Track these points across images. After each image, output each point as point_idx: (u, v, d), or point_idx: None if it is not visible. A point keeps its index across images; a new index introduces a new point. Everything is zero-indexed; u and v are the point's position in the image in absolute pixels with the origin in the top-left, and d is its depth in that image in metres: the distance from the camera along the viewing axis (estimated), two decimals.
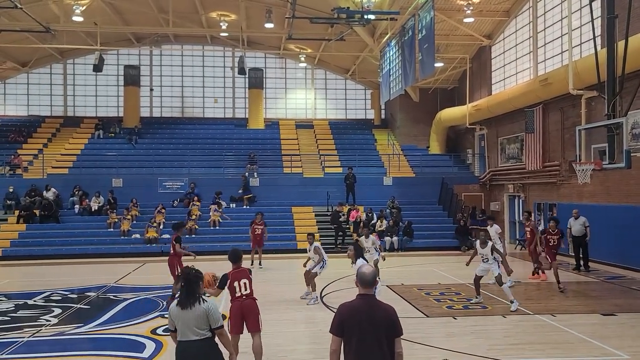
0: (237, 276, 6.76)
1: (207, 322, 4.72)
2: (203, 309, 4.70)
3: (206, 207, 21.84)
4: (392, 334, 3.99)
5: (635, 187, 15.09)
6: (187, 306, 4.69)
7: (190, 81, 31.79)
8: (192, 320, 4.68)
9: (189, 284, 4.80)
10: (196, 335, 4.69)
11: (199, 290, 4.82)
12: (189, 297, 4.72)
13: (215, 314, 4.76)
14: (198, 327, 4.69)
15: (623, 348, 7.69)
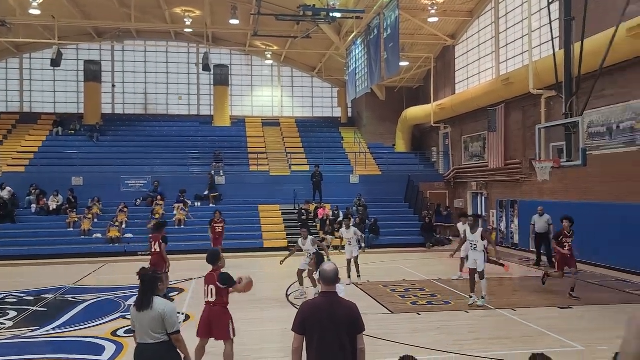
0: (206, 280, 6.62)
1: (163, 325, 4.55)
2: (159, 313, 4.53)
3: (170, 206, 21.49)
4: (354, 330, 4.00)
5: (592, 184, 15.58)
6: (142, 308, 4.55)
7: (153, 77, 31.17)
8: (148, 323, 4.54)
9: (146, 285, 4.66)
10: (152, 338, 4.54)
11: (156, 291, 4.67)
12: (145, 299, 4.58)
13: (171, 319, 4.58)
14: (153, 331, 4.53)
15: (578, 340, 7.93)
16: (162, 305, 4.58)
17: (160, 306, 4.55)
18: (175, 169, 24.10)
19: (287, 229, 21.13)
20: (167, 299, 5.06)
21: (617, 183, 14.63)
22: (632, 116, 14.13)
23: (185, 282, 13.52)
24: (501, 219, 20.63)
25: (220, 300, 6.45)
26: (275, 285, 12.92)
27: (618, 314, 9.59)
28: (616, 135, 14.70)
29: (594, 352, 7.36)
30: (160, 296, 4.73)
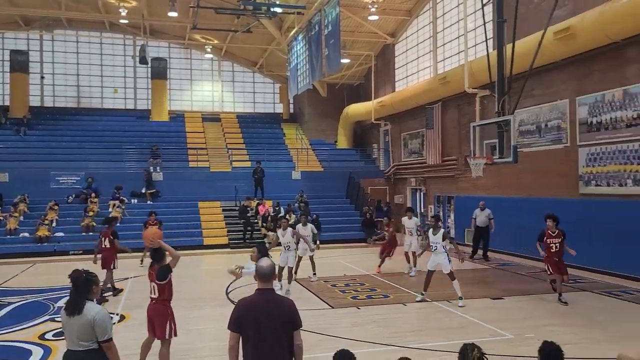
0: (149, 276, 6.48)
1: (92, 333, 4.21)
2: (88, 319, 4.19)
3: (105, 204, 20.69)
4: (291, 327, 3.98)
5: (522, 180, 16.33)
6: (73, 313, 4.23)
7: (87, 69, 29.78)
8: (77, 328, 4.22)
9: (78, 288, 4.32)
10: (80, 346, 4.22)
11: (89, 295, 4.34)
12: (76, 303, 4.26)
13: (102, 325, 4.22)
14: (81, 338, 4.21)
15: (509, 329, 8.29)
16: (94, 311, 4.23)
17: (92, 312, 4.21)
18: (110, 164, 23.19)
19: (227, 226, 20.86)
20: (102, 299, 4.78)
21: (546, 179, 15.40)
22: (558, 115, 14.91)
23: (120, 282, 13.04)
24: (439, 214, 21.23)
25: (161, 296, 6.34)
26: (216, 283, 12.72)
27: (545, 304, 10.13)
28: (544, 133, 15.46)
29: (522, 340, 7.71)
30: (92, 300, 4.38)
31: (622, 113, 12.80)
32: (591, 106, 13.71)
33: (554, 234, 10.25)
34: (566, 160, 14.60)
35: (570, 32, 13.08)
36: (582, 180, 14.02)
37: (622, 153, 12.81)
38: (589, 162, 13.82)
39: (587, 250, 13.50)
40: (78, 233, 19.07)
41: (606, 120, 13.26)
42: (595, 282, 12.05)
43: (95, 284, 4.45)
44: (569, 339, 7.57)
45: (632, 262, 12.18)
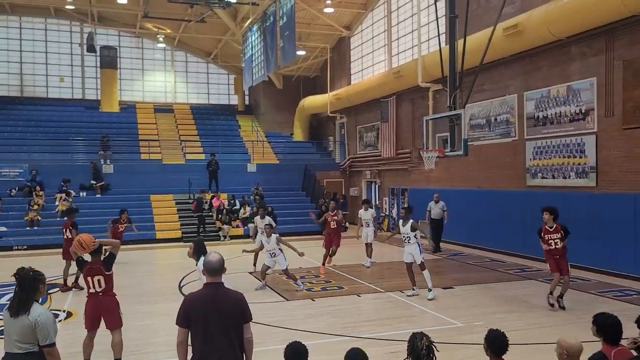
0: (90, 272, 6.32)
1: (33, 336, 3.97)
2: (29, 322, 3.95)
3: (51, 197, 19.92)
4: (241, 320, 3.95)
5: (473, 173, 16.78)
6: (17, 313, 3.98)
7: (30, 57, 28.47)
8: (16, 330, 3.98)
9: (24, 287, 4.06)
10: (18, 348, 3.98)
11: (35, 295, 4.08)
12: (20, 304, 4.01)
13: (45, 329, 3.98)
14: (20, 340, 3.97)
15: (458, 317, 8.53)
16: (36, 312, 3.98)
17: (34, 314, 3.96)
18: (57, 156, 22.32)
19: (181, 219, 20.53)
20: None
21: (495, 171, 15.89)
22: (507, 110, 15.37)
23: (67, 278, 12.60)
24: (392, 206, 21.59)
25: (108, 287, 6.35)
26: (169, 278, 12.50)
27: (493, 292, 10.46)
28: (494, 127, 15.92)
29: (471, 328, 7.94)
30: (37, 301, 4.11)
31: (566, 108, 13.33)
32: (537, 101, 14.21)
33: (551, 229, 9.13)
34: (514, 154, 15.10)
35: (518, 29, 13.48)
36: (529, 173, 14.53)
37: (566, 146, 13.35)
38: (535, 155, 14.33)
39: (532, 241, 14.04)
40: (22, 228, 18.33)
41: (551, 115, 13.78)
42: (540, 271, 12.52)
43: (42, 282, 4.17)
44: (516, 326, 7.87)
45: (574, 251, 12.72)
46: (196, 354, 3.89)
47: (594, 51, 12.61)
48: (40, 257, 15.96)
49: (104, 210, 20.05)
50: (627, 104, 11.78)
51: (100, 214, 19.75)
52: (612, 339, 4.22)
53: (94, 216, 19.68)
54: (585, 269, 12.24)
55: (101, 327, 6.51)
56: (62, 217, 12.06)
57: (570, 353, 3.89)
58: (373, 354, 4.35)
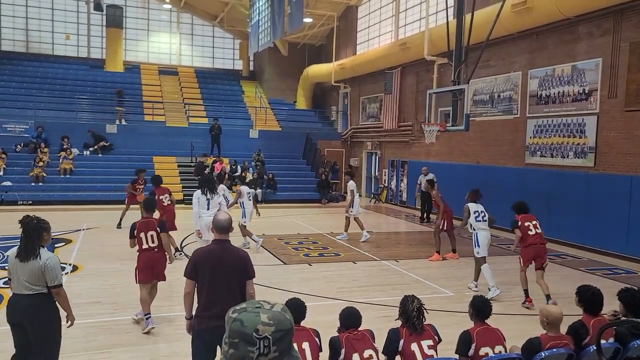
0: (143, 227, 6.66)
1: (42, 278, 4.37)
2: (39, 265, 4.33)
3: (56, 154, 20.13)
4: (244, 277, 4.22)
5: (473, 148, 16.95)
6: (27, 258, 4.35)
7: (36, 13, 28.23)
8: (26, 273, 4.35)
9: (29, 234, 4.41)
10: (27, 289, 4.37)
11: (40, 242, 4.44)
12: (28, 249, 4.38)
13: (53, 272, 4.39)
14: (30, 282, 4.36)
15: (449, 287, 8.86)
16: (45, 257, 4.38)
17: (44, 257, 4.36)
18: (61, 114, 22.43)
19: (182, 182, 20.77)
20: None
21: (494, 148, 16.04)
22: (511, 87, 15.43)
23: (72, 233, 12.95)
24: (392, 178, 21.83)
25: (160, 244, 6.69)
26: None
27: None
28: (497, 103, 16.00)
29: (461, 297, 8.24)
30: (43, 247, 4.49)
31: (569, 88, 13.40)
32: (542, 79, 14.26)
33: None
34: (515, 131, 15.23)
35: (527, 5, 13.43)
36: (529, 151, 14.70)
37: (567, 126, 13.48)
38: (535, 133, 14.47)
39: None
40: (27, 183, 18.60)
41: (554, 94, 13.86)
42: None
43: (46, 230, 4.51)
44: (503, 297, 8.19)
45: (568, 229, 13.04)
46: (200, 304, 4.19)
47: (601, 31, 12.61)
48: (45, 213, 16.30)
49: (107, 169, 20.35)
50: (630, 86, 11.86)
51: (103, 173, 20.07)
52: (592, 309, 4.51)
53: (96, 175, 20.01)
54: (578, 247, 12.56)
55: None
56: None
57: (550, 320, 4.17)
58: (366, 317, 4.62)
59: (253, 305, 1.50)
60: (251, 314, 1.47)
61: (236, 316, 1.47)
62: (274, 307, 1.51)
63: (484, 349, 4.13)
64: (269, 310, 1.49)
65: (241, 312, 1.48)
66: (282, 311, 1.50)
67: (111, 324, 6.74)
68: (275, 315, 1.48)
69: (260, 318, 1.46)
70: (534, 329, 4.92)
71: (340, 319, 4.24)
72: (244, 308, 1.49)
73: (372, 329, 4.31)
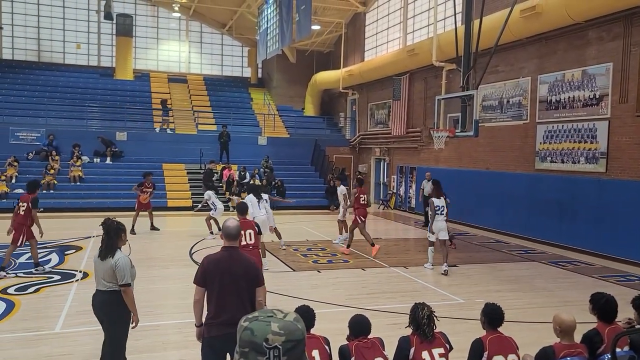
0: (243, 226, 7.04)
1: (114, 276, 4.79)
2: (112, 264, 4.79)
3: (67, 162, 20.28)
4: (253, 284, 4.20)
5: (482, 154, 16.86)
6: (103, 257, 4.84)
7: (48, 22, 28.58)
8: (103, 271, 4.84)
9: (110, 234, 4.88)
10: (103, 286, 4.85)
11: (118, 242, 4.90)
12: (107, 249, 4.85)
13: (122, 271, 4.79)
14: (105, 279, 4.83)
15: (460, 294, 8.78)
16: (117, 257, 4.82)
17: (116, 257, 4.81)
18: (72, 122, 22.63)
19: (192, 189, 20.85)
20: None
21: (504, 153, 15.95)
22: (520, 92, 15.35)
23: (83, 240, 13.01)
24: (400, 184, 21.77)
25: (256, 243, 7.45)
26: (180, 245, 12.84)
27: (496, 272, 10.69)
28: (506, 109, 15.92)
29: (472, 305, 8.17)
30: (119, 247, 4.94)
31: (580, 93, 13.31)
32: (551, 85, 14.18)
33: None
34: (525, 137, 15.13)
35: (536, 10, 13.37)
36: (539, 156, 14.59)
37: (577, 131, 13.38)
38: (545, 139, 14.37)
39: (537, 223, 14.22)
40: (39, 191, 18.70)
41: (564, 99, 13.77)
42: (544, 254, 12.72)
43: (124, 231, 5.02)
44: (515, 304, 8.10)
45: (578, 235, 12.91)
46: (210, 312, 4.17)
47: (611, 36, 12.53)
48: (56, 220, 16.42)
49: (117, 177, 20.49)
50: None
51: (113, 180, 20.21)
52: (607, 317, 4.42)
53: (106, 182, 20.15)
54: (590, 253, 12.43)
55: None
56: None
57: (563, 328, 4.10)
58: (375, 324, 4.57)
59: (265, 314, 1.48)
60: (262, 322, 1.45)
61: (247, 325, 1.45)
62: (287, 316, 1.48)
63: (496, 357, 4.07)
64: (281, 320, 1.46)
65: (252, 321, 1.46)
66: (294, 321, 1.47)
67: None
68: (286, 325, 1.45)
69: (271, 327, 1.44)
70: (546, 337, 4.85)
71: (350, 327, 4.20)
72: (256, 317, 1.47)
73: (382, 336, 4.27)
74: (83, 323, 6.86)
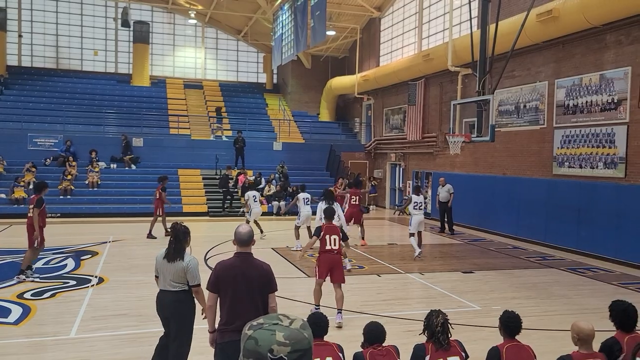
0: (329, 231, 7.52)
1: (184, 278, 4.97)
2: (182, 266, 4.96)
3: (84, 168, 20.53)
4: (267, 290, 4.18)
5: (498, 159, 16.70)
6: (172, 260, 4.98)
7: (66, 30, 29.05)
8: (171, 273, 4.99)
9: (178, 238, 5.05)
10: (172, 287, 5.01)
11: (184, 245, 5.08)
12: (176, 251, 5.00)
13: (193, 272, 4.98)
14: (174, 281, 4.99)
15: (477, 301, 8.66)
16: (188, 259, 5.00)
17: (186, 260, 4.99)
18: (89, 128, 22.92)
19: (207, 194, 20.95)
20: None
21: (521, 158, 15.77)
22: (537, 97, 15.18)
23: (99, 245, 13.12)
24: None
25: (340, 250, 7.63)
26: (195, 250, 12.82)
27: (512, 278, 10.54)
28: (523, 114, 15.75)
29: (488, 312, 8.06)
30: (185, 249, 5.11)
31: (597, 97, 13.12)
32: (569, 89, 14.00)
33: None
34: (542, 141, 14.95)
35: (553, 14, 13.23)
36: (556, 162, 14.40)
37: (595, 136, 13.18)
38: (563, 143, 14.18)
39: (555, 229, 14.00)
40: (56, 196, 18.97)
41: (582, 104, 13.58)
42: (563, 260, 12.52)
43: (189, 235, 5.23)
44: (532, 312, 7.97)
45: (597, 241, 12.69)
46: (223, 318, 4.16)
47: (629, 40, 12.34)
48: (73, 225, 16.61)
49: (133, 182, 20.68)
50: None
51: (130, 186, 20.42)
52: (626, 325, 4.33)
53: (124, 187, 20.35)
54: (610, 260, 12.21)
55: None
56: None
57: (581, 337, 4.02)
58: (390, 331, 4.53)
59: (271, 320, 1.44)
60: (266, 331, 1.41)
61: (251, 333, 1.41)
62: (293, 323, 1.44)
63: None
64: (287, 328, 1.42)
65: (257, 329, 1.42)
66: (300, 328, 1.43)
67: (136, 337, 6.76)
68: (292, 334, 1.41)
69: (276, 337, 1.39)
70: (565, 346, 4.76)
71: (364, 334, 4.16)
72: (260, 324, 1.43)
73: (397, 344, 4.22)
74: (98, 328, 6.91)
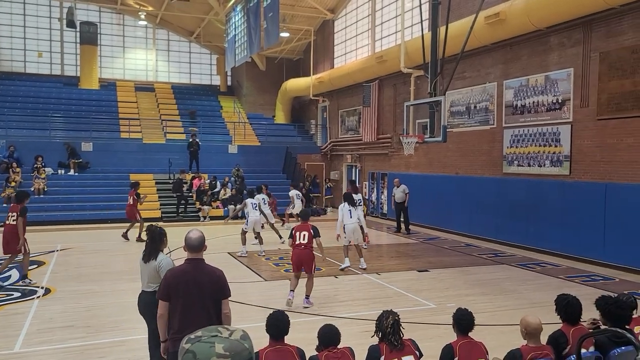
0: (299, 228, 8.45)
1: (158, 278, 4.92)
2: (154, 265, 5.05)
3: (29, 174, 19.67)
4: (220, 296, 4.09)
5: (451, 159, 17.06)
6: (147, 260, 5.10)
7: (7, 31, 27.79)
8: (148, 273, 5.11)
9: (153, 239, 5.15)
10: (148, 287, 5.13)
11: (161, 246, 5.16)
12: (150, 252, 5.11)
13: (165, 271, 4.86)
14: (150, 281, 5.11)
15: (432, 299, 8.80)
16: (160, 258, 5.08)
17: (159, 259, 5.07)
18: (34, 133, 21.99)
19: (160, 199, 20.48)
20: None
21: (472, 158, 16.17)
22: (487, 98, 15.60)
23: (46, 255, 12.60)
24: (372, 190, 21.84)
25: (310, 244, 8.30)
26: None
27: (466, 276, 10.77)
28: (473, 114, 16.15)
29: (443, 309, 8.19)
30: (161, 250, 5.18)
31: (543, 97, 13.60)
32: (516, 90, 14.45)
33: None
34: (492, 141, 15.37)
35: (500, 17, 13.64)
36: (506, 161, 14.83)
37: (542, 135, 13.65)
38: (512, 143, 14.63)
39: (506, 227, 14.43)
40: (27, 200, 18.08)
41: (529, 104, 14.04)
42: (513, 256, 12.90)
43: (165, 236, 5.27)
44: (485, 308, 8.16)
45: (544, 237, 13.14)
46: (175, 326, 4.03)
47: (572, 42, 12.85)
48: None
49: (82, 188, 19.99)
50: (601, 95, 12.07)
51: (79, 192, 19.72)
52: (571, 318, 4.47)
53: (71, 194, 19.64)
54: (556, 254, 12.66)
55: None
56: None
57: (529, 331, 4.13)
58: (347, 332, 4.53)
59: (209, 333, 1.38)
60: (205, 344, 1.35)
61: (189, 347, 1.35)
62: (233, 334, 1.39)
63: None
64: (226, 339, 1.36)
65: (194, 343, 1.36)
66: (240, 339, 1.38)
67: (84, 348, 6.51)
68: (232, 345, 1.36)
69: (215, 349, 1.34)
70: (515, 340, 4.87)
71: (319, 337, 4.13)
72: (199, 337, 1.37)
73: (356, 344, 4.21)
74: (44, 342, 6.61)
